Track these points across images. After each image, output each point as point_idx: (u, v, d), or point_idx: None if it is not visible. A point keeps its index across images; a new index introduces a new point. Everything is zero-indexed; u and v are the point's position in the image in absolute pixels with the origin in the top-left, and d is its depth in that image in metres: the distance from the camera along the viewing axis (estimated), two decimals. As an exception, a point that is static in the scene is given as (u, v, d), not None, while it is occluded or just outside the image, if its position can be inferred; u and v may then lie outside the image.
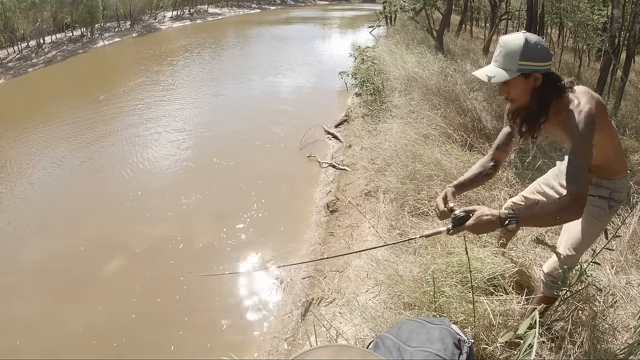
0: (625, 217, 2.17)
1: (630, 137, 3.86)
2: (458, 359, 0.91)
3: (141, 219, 4.02)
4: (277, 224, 3.86)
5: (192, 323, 2.80)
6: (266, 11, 30.22)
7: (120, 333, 2.74)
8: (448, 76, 5.39)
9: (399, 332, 0.97)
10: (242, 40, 16.30)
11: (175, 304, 2.97)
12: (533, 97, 1.22)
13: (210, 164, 5.13)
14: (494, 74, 1.20)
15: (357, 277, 2.64)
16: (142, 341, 2.70)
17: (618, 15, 5.76)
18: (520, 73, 1.17)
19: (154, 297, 3.03)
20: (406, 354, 0.89)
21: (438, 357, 0.88)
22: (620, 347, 1.42)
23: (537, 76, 1.19)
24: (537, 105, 1.22)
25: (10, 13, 12.68)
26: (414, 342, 0.93)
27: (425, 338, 0.94)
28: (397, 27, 13.15)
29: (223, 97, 8.26)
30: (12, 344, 2.71)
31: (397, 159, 3.49)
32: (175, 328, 2.76)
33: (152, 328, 2.78)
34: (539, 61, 1.17)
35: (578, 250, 1.40)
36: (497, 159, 1.47)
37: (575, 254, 1.39)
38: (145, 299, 3.02)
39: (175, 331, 2.73)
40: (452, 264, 1.94)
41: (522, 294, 1.74)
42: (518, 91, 1.22)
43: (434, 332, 0.96)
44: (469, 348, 0.96)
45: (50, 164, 5.37)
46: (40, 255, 3.58)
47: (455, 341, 0.94)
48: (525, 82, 1.20)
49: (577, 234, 1.40)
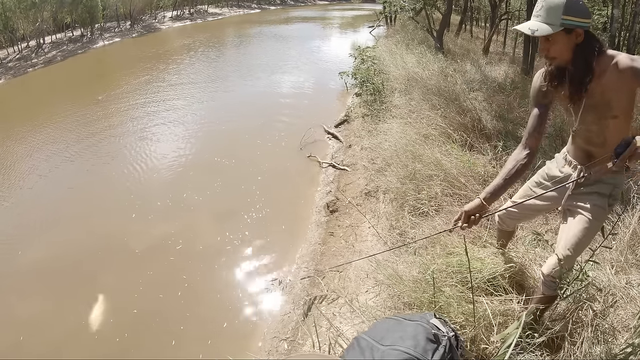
0: (619, 215, 2.17)
1: (630, 137, 3.85)
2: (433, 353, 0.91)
3: (142, 218, 4.02)
4: (277, 224, 3.86)
5: (193, 319, 2.83)
6: (266, 11, 30.23)
7: (122, 328, 2.77)
8: (448, 76, 5.39)
9: (375, 332, 0.98)
10: (243, 40, 16.30)
11: (177, 301, 2.99)
12: (577, 54, 1.20)
13: (212, 163, 5.14)
14: (537, 28, 1.17)
15: (357, 277, 2.64)
16: (143, 335, 2.73)
17: (618, 15, 5.76)
18: (562, 28, 1.15)
19: (155, 294, 3.06)
20: (377, 354, 0.90)
21: (408, 355, 0.88)
22: (620, 347, 1.42)
23: (579, 32, 1.17)
24: (582, 63, 1.19)
25: (10, 13, 12.68)
26: (387, 340, 0.93)
27: (399, 336, 0.94)
28: (397, 27, 13.16)
29: (223, 97, 8.26)
30: (16, 340, 2.74)
31: (397, 159, 3.49)
32: (177, 323, 2.79)
33: (153, 323, 2.82)
34: (581, 17, 1.15)
35: (576, 251, 1.39)
36: (530, 146, 1.39)
37: (573, 254, 1.39)
38: (147, 295, 3.05)
39: (177, 326, 2.77)
40: (452, 264, 1.94)
41: (523, 294, 1.74)
42: (559, 47, 1.20)
43: (409, 329, 0.96)
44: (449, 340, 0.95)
45: (50, 164, 5.37)
46: (42, 254, 3.59)
47: (430, 336, 0.94)
48: (567, 38, 1.18)
49: (575, 234, 1.39)
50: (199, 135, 6.15)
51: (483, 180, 2.90)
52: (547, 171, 1.60)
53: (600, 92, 1.23)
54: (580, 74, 1.22)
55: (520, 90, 5.07)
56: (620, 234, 2.09)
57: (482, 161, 3.18)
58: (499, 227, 1.88)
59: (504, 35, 11.45)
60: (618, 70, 1.17)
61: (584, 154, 1.44)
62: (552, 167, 1.59)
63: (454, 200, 2.77)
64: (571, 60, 1.22)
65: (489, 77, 5.85)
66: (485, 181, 2.89)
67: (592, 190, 1.43)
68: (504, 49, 10.51)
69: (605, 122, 1.27)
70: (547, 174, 1.60)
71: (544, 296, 1.51)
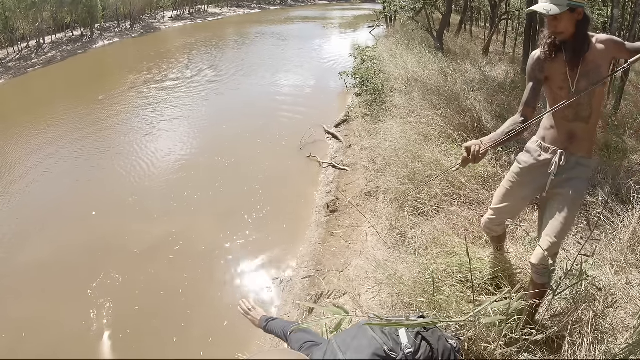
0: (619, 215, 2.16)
1: (631, 137, 3.85)
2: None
3: (142, 218, 4.03)
4: (277, 224, 3.86)
5: (194, 317, 2.84)
6: (266, 11, 30.23)
7: (123, 325, 2.79)
8: (448, 76, 5.39)
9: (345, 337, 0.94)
10: (243, 40, 16.29)
11: (178, 299, 3.01)
12: (578, 28, 1.45)
13: (212, 162, 5.15)
14: (550, 8, 1.40)
15: (357, 277, 2.64)
16: (145, 332, 2.75)
17: (618, 15, 5.75)
18: (568, 7, 1.40)
19: (156, 292, 3.07)
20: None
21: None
22: (620, 347, 1.42)
23: (580, 11, 1.42)
24: (582, 35, 1.44)
25: (10, 13, 12.69)
26: (349, 352, 0.90)
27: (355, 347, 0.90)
28: (397, 27, 13.14)
29: (223, 97, 8.26)
30: (19, 337, 2.76)
31: (397, 159, 3.49)
32: (178, 321, 2.81)
33: (154, 320, 2.83)
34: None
35: (560, 237, 1.48)
36: (526, 115, 1.54)
37: (557, 240, 1.48)
38: (148, 293, 3.06)
39: (178, 324, 2.79)
40: (452, 264, 1.94)
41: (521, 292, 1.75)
42: (565, 23, 1.43)
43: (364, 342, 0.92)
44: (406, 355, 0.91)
45: (50, 164, 5.37)
46: (44, 252, 3.59)
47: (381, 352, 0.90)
48: (571, 16, 1.42)
49: (558, 221, 1.48)
50: (200, 135, 6.15)
51: (483, 180, 2.90)
52: (522, 164, 1.63)
53: (592, 59, 1.46)
54: (580, 44, 1.46)
55: (520, 90, 5.06)
56: (620, 234, 2.09)
57: (482, 161, 3.17)
58: (488, 234, 1.90)
59: (504, 35, 11.45)
60: (600, 42, 1.46)
61: (565, 136, 1.53)
62: (526, 159, 1.63)
63: (454, 200, 2.77)
64: (573, 34, 1.45)
65: (489, 77, 5.85)
66: (485, 181, 2.89)
67: (573, 176, 1.51)
68: (504, 49, 10.51)
69: (594, 90, 1.46)
70: (521, 168, 1.63)
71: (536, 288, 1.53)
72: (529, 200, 1.70)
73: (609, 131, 3.86)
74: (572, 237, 2.25)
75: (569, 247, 2.10)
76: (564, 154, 1.52)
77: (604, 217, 2.21)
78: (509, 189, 1.67)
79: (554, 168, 1.52)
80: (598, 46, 1.46)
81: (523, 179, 1.63)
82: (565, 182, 1.52)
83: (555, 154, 1.53)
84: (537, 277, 1.52)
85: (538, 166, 1.58)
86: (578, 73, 1.47)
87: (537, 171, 1.58)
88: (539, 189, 1.60)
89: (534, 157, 1.60)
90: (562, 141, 1.54)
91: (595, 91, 1.47)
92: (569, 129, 1.52)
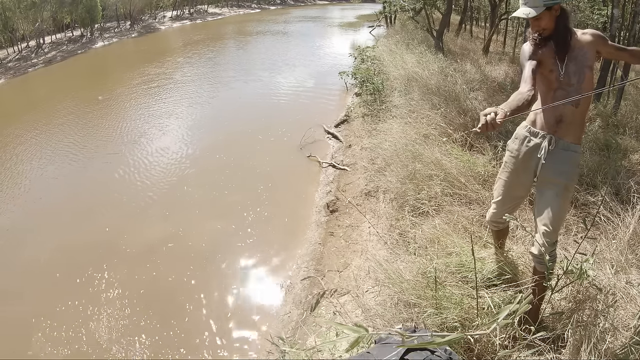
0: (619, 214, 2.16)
1: (631, 137, 3.85)
2: None
3: (142, 217, 4.03)
4: (277, 223, 3.86)
5: (194, 317, 2.85)
6: (266, 11, 30.22)
7: (124, 324, 2.79)
8: (448, 76, 5.38)
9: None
10: (243, 40, 16.28)
11: (178, 298, 3.01)
12: (558, 23, 1.57)
13: (212, 162, 5.15)
14: (529, 12, 1.54)
15: (357, 277, 2.64)
16: (146, 331, 2.75)
17: (618, 15, 5.75)
18: (545, 7, 1.52)
19: (157, 291, 3.08)
20: None
21: None
22: (620, 347, 1.42)
23: (556, 7, 1.55)
24: (563, 28, 1.57)
25: (10, 13, 12.69)
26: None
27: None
28: (397, 27, 13.14)
29: (223, 96, 8.26)
30: (19, 337, 2.76)
31: (397, 159, 3.48)
32: (178, 320, 2.81)
33: (156, 319, 2.84)
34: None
35: (557, 226, 1.55)
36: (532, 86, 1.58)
37: (554, 229, 1.54)
38: (148, 293, 3.07)
39: (178, 323, 2.79)
40: (451, 264, 1.94)
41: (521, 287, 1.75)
42: (545, 21, 1.56)
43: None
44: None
45: (49, 164, 5.37)
46: (44, 252, 3.59)
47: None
48: (550, 14, 1.55)
49: (554, 210, 1.54)
50: (199, 135, 6.14)
51: (483, 180, 2.90)
52: (514, 152, 1.71)
53: (578, 46, 1.59)
54: (563, 36, 1.59)
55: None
56: (620, 233, 2.09)
57: (482, 161, 3.17)
58: (493, 228, 1.96)
59: (504, 35, 11.44)
60: (584, 34, 1.60)
61: (554, 120, 1.60)
62: (516, 146, 1.71)
63: (454, 200, 2.76)
64: (554, 28, 1.58)
65: (489, 77, 5.85)
66: (485, 181, 2.89)
67: (564, 162, 1.58)
68: (504, 49, 10.50)
69: (582, 72, 1.57)
70: (512, 156, 1.72)
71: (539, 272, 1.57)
72: (528, 187, 1.75)
73: (609, 131, 3.86)
74: (571, 237, 2.25)
75: (570, 247, 2.10)
76: (553, 137, 1.60)
77: (604, 216, 2.21)
78: (506, 180, 1.75)
79: (544, 152, 1.60)
80: (583, 37, 1.60)
81: (517, 166, 1.71)
82: (555, 169, 1.59)
83: (544, 139, 1.61)
84: (539, 265, 1.58)
85: (529, 152, 1.66)
86: (566, 58, 1.59)
87: (528, 156, 1.66)
88: (534, 173, 1.67)
89: (525, 143, 1.68)
90: (551, 124, 1.62)
91: (585, 76, 1.57)
92: (558, 112, 1.59)
